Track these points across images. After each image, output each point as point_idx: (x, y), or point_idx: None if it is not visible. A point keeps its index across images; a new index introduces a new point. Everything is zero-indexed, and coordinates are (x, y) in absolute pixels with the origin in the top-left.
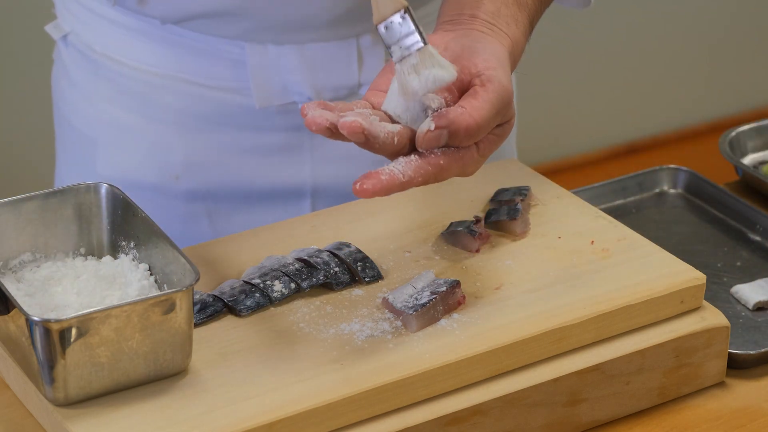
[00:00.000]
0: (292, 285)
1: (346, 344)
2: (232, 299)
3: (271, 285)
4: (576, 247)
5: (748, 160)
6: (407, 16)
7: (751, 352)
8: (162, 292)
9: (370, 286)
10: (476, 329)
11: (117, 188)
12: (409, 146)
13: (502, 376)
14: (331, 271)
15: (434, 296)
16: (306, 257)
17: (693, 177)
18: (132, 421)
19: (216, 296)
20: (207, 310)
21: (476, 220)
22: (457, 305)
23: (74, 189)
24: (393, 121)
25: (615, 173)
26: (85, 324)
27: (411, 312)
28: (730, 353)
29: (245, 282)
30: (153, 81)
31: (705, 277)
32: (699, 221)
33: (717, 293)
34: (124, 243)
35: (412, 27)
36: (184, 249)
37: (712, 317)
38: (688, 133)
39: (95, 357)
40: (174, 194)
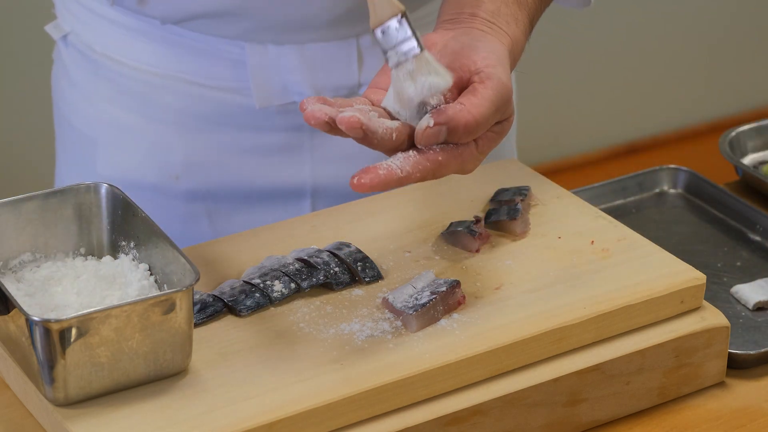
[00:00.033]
0: (292, 285)
1: (346, 344)
2: (232, 299)
3: (271, 285)
4: (576, 247)
5: (748, 160)
6: (404, 21)
7: (751, 352)
8: (162, 292)
9: (370, 286)
10: (476, 329)
11: (117, 188)
12: (408, 143)
13: (502, 376)
14: (331, 271)
15: (434, 296)
16: (306, 257)
17: (693, 177)
18: (132, 421)
19: (216, 296)
20: (207, 310)
21: (476, 220)
22: (457, 305)
23: (74, 189)
24: (392, 117)
25: (615, 173)
26: (85, 324)
27: (411, 312)
28: (730, 353)
29: (245, 282)
30: (153, 81)
31: (705, 277)
32: (699, 221)
33: (717, 293)
34: (124, 243)
35: (409, 32)
36: (184, 249)
37: (712, 317)
38: (688, 133)
39: (95, 357)
40: (174, 194)
